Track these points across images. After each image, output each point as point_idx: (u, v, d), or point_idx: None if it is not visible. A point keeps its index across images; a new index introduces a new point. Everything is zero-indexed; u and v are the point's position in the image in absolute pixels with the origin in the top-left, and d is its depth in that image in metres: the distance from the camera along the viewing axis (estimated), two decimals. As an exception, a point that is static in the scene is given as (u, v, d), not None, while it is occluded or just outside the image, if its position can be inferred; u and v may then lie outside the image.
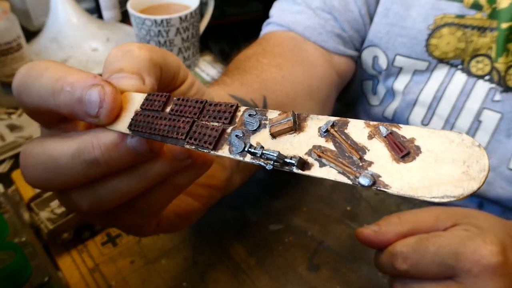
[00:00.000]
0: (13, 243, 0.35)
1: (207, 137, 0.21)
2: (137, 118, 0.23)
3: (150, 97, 0.24)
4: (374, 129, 0.17)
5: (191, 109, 0.22)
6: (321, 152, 0.17)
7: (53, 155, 0.24)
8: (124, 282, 0.41)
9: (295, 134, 0.19)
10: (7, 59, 0.59)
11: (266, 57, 0.49)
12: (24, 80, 0.24)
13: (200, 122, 0.21)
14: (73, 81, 0.23)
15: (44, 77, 0.24)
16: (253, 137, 0.20)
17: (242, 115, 0.20)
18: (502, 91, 0.48)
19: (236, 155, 0.19)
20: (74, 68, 0.24)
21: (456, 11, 0.48)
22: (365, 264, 0.43)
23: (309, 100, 0.50)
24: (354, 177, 0.16)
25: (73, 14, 0.73)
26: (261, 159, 0.18)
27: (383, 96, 0.59)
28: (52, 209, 0.43)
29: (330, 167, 0.17)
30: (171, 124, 0.22)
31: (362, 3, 0.53)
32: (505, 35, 0.45)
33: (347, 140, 0.17)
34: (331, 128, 0.18)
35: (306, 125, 0.19)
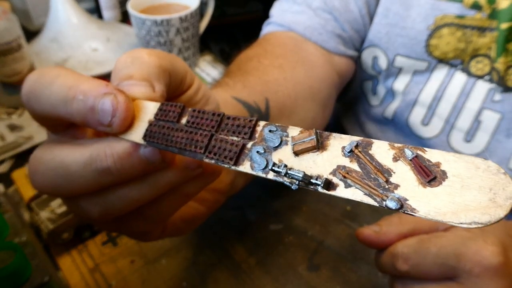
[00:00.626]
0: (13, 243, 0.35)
1: (227, 152, 0.20)
2: (152, 128, 0.23)
3: (164, 107, 0.24)
4: (399, 151, 0.17)
5: (208, 121, 0.22)
6: (346, 173, 0.17)
7: (64, 162, 0.24)
8: (124, 282, 0.41)
9: (318, 152, 0.19)
10: (7, 59, 0.59)
11: (267, 57, 0.49)
12: (35, 87, 0.24)
13: (219, 136, 0.21)
14: (86, 90, 0.23)
15: (55, 84, 0.23)
16: (275, 153, 0.19)
17: (262, 130, 0.20)
18: (502, 91, 0.48)
19: (259, 172, 0.19)
20: (86, 76, 0.24)
21: (456, 12, 0.48)
22: (365, 264, 0.43)
23: (310, 101, 0.50)
24: (381, 199, 0.16)
25: (73, 14, 0.73)
26: (285, 177, 0.18)
27: (383, 96, 0.59)
28: (52, 209, 0.43)
29: (356, 188, 0.17)
30: (188, 136, 0.22)
31: (363, 3, 0.53)
32: (505, 35, 0.45)
33: (372, 162, 0.17)
34: (355, 149, 0.18)
35: (328, 143, 0.19)
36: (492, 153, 0.50)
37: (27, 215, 0.45)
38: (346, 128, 0.68)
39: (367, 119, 0.63)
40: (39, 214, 0.42)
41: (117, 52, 0.73)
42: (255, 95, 0.42)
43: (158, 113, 0.23)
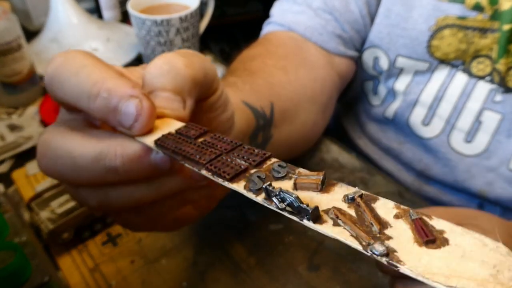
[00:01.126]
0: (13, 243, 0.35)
1: (228, 168, 0.20)
2: (167, 136, 0.23)
3: (189, 125, 0.24)
4: (403, 212, 0.16)
5: (224, 145, 0.22)
6: (339, 213, 0.17)
7: (73, 153, 0.24)
8: (124, 282, 0.41)
9: (319, 193, 0.18)
10: (7, 59, 0.59)
11: (271, 58, 0.49)
12: (59, 72, 0.24)
13: (227, 157, 0.21)
14: (111, 88, 0.22)
15: (81, 76, 0.23)
16: (275, 182, 0.19)
17: (272, 164, 0.20)
18: (503, 91, 0.48)
19: (250, 192, 0.19)
20: (113, 70, 0.24)
21: (457, 13, 0.48)
22: (365, 264, 0.43)
23: (312, 104, 0.50)
24: (367, 243, 0.15)
25: (73, 14, 0.73)
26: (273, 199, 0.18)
27: (384, 96, 0.59)
28: (52, 209, 0.43)
29: (344, 228, 0.16)
30: (197, 149, 0.22)
31: (363, 4, 0.53)
32: (507, 36, 0.45)
33: (371, 212, 0.16)
34: (358, 198, 0.17)
35: (333, 189, 0.18)
36: (492, 154, 0.50)
37: (27, 215, 0.45)
38: (346, 128, 0.68)
39: (368, 119, 0.63)
40: (39, 214, 0.42)
41: (117, 52, 0.73)
42: (261, 100, 0.42)
43: (181, 128, 0.23)
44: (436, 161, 0.55)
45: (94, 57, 0.25)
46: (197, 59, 0.27)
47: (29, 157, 0.54)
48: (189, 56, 0.27)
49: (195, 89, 0.26)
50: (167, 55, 0.26)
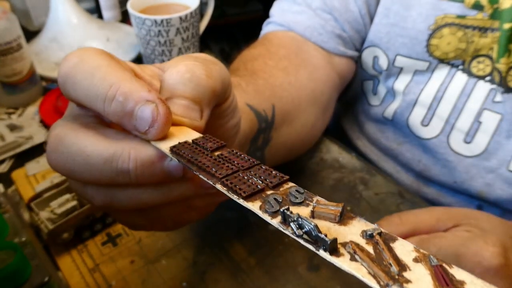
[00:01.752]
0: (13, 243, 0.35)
1: (245, 186, 0.19)
2: (183, 145, 0.22)
3: (207, 137, 0.23)
4: (422, 256, 0.16)
5: (241, 162, 0.21)
6: (357, 248, 0.16)
7: (86, 152, 0.23)
8: (124, 282, 0.41)
9: (336, 224, 0.17)
10: (7, 59, 0.59)
11: (272, 59, 0.49)
12: (73, 73, 0.23)
13: (244, 174, 0.20)
14: (127, 92, 0.22)
15: (96, 77, 0.23)
16: (292, 207, 0.18)
17: (289, 188, 0.20)
18: (503, 92, 0.48)
19: (265, 214, 0.18)
20: (127, 70, 0.23)
21: (457, 12, 0.48)
22: (365, 264, 0.43)
23: (312, 105, 0.50)
24: (386, 284, 0.15)
25: (73, 14, 0.73)
26: (291, 225, 0.17)
27: (384, 96, 0.59)
28: (52, 209, 0.43)
29: (362, 264, 0.16)
30: (213, 162, 0.21)
31: (363, 3, 0.53)
32: (507, 35, 0.45)
33: (390, 251, 0.16)
34: (376, 235, 0.17)
35: (350, 223, 0.17)
36: (492, 155, 0.50)
37: (27, 215, 0.45)
38: (345, 128, 0.68)
39: (367, 119, 0.63)
40: (39, 214, 0.42)
41: (117, 52, 0.74)
42: (264, 102, 0.42)
43: (199, 139, 0.23)
44: (435, 162, 0.55)
45: (109, 56, 0.24)
46: (216, 68, 0.27)
47: (29, 157, 0.54)
48: (208, 65, 0.26)
49: (214, 100, 0.26)
50: (190, 63, 0.26)
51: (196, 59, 0.27)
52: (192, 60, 0.26)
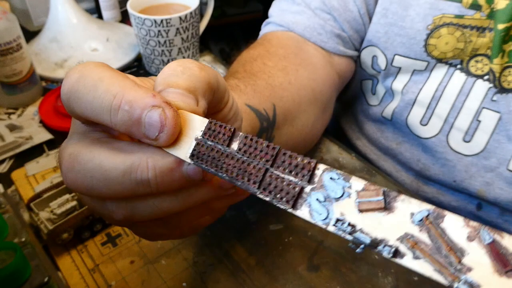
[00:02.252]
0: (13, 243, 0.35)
1: (284, 193, 0.20)
2: (200, 149, 0.22)
3: (213, 127, 0.23)
4: (474, 231, 0.16)
5: (262, 154, 0.21)
6: (414, 243, 0.17)
7: (103, 167, 0.23)
8: (124, 282, 0.41)
9: (384, 213, 0.18)
10: (7, 59, 0.59)
11: (271, 59, 0.49)
12: (76, 88, 0.23)
13: (274, 172, 0.20)
14: (132, 100, 0.22)
15: (99, 90, 0.22)
16: (336, 205, 0.19)
17: (322, 175, 0.19)
18: (496, 92, 0.48)
19: (318, 222, 0.19)
20: (131, 81, 0.23)
21: (455, 11, 0.48)
22: (365, 264, 0.43)
23: (313, 105, 0.50)
24: (452, 280, 0.16)
25: (73, 14, 0.73)
26: (348, 235, 0.18)
27: (382, 96, 0.59)
28: (52, 209, 0.43)
29: (425, 261, 0.16)
30: (240, 166, 0.21)
31: (361, 3, 0.53)
32: (501, 36, 0.45)
33: (444, 237, 0.16)
34: (426, 220, 0.17)
35: (395, 206, 0.18)
36: (491, 154, 0.50)
37: (26, 215, 0.45)
38: (344, 128, 0.68)
39: (366, 119, 0.63)
40: (38, 215, 0.42)
41: (117, 52, 0.74)
42: (264, 102, 0.42)
43: (206, 132, 0.22)
44: (434, 161, 0.55)
45: (110, 68, 0.24)
46: (210, 68, 0.27)
47: (28, 157, 0.54)
48: (203, 65, 0.26)
49: (209, 93, 0.26)
50: (181, 59, 0.26)
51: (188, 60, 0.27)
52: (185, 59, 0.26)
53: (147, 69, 0.73)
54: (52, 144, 0.57)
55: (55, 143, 0.57)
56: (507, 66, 0.46)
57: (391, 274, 0.42)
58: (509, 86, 0.47)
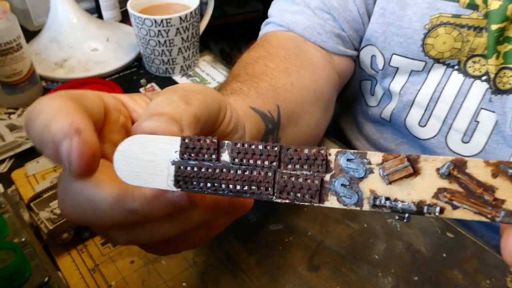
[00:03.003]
0: (13, 243, 0.35)
1: (305, 189, 0.19)
2: (185, 172, 0.20)
3: (190, 144, 0.20)
4: (496, 168, 0.17)
5: (264, 157, 0.20)
6: (451, 195, 0.18)
7: (92, 199, 0.23)
8: (124, 282, 0.41)
9: (412, 177, 0.18)
10: (7, 59, 0.59)
11: (272, 61, 0.49)
12: (27, 120, 0.23)
13: (285, 172, 0.19)
14: (54, 132, 0.21)
15: (37, 123, 0.22)
16: (362, 184, 0.18)
17: (336, 159, 0.19)
18: (491, 92, 0.48)
19: (352, 206, 0.18)
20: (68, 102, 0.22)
21: (452, 11, 0.48)
22: (365, 264, 0.43)
23: (315, 105, 0.50)
24: (493, 216, 0.17)
25: (73, 14, 0.73)
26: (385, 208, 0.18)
27: (381, 97, 0.59)
28: (52, 209, 0.43)
29: (463, 208, 0.17)
30: (243, 177, 0.20)
31: (361, 2, 0.53)
32: (495, 36, 0.45)
33: (472, 181, 0.17)
34: (452, 171, 0.18)
35: (420, 167, 0.18)
36: (490, 155, 0.50)
37: (27, 215, 0.45)
38: (344, 129, 0.68)
39: (365, 120, 0.63)
40: (38, 215, 0.42)
41: (117, 52, 0.74)
42: (268, 104, 0.42)
43: (185, 151, 0.20)
44: None
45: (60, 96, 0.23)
46: (199, 97, 0.26)
47: (28, 157, 0.54)
48: (190, 95, 0.26)
49: (196, 125, 0.25)
50: (168, 95, 0.25)
51: (179, 90, 0.26)
52: (173, 93, 0.25)
53: (147, 69, 0.73)
54: (52, 144, 0.57)
55: (55, 143, 0.57)
56: (503, 68, 0.46)
57: (391, 274, 0.42)
58: (504, 87, 0.47)
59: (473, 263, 0.43)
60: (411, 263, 0.43)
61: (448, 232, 0.46)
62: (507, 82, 0.46)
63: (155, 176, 0.21)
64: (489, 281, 0.41)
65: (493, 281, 0.41)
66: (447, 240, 0.45)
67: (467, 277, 0.42)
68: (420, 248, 0.44)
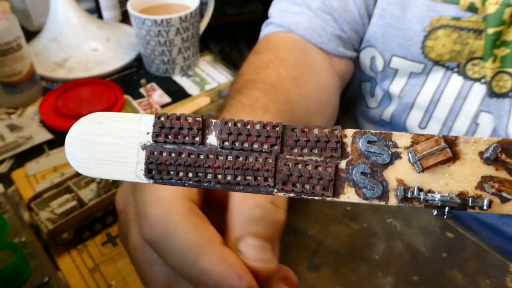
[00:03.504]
0: (13, 243, 0.35)
1: (315, 180, 0.15)
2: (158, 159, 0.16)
3: (167, 122, 0.16)
4: None
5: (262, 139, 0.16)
6: (499, 184, 0.15)
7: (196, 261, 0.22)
8: (124, 282, 0.41)
9: (449, 164, 0.15)
10: (7, 59, 0.59)
11: (282, 67, 0.48)
12: (161, 244, 0.22)
13: (289, 158, 0.16)
14: (218, 281, 0.21)
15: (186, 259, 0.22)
16: (387, 172, 0.15)
17: (354, 142, 0.15)
18: (487, 96, 0.48)
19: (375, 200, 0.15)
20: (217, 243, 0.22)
21: (452, 13, 0.48)
22: (365, 264, 0.43)
23: (320, 115, 0.50)
24: None
25: (73, 14, 0.73)
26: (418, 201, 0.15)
27: (381, 99, 0.59)
28: (52, 209, 0.43)
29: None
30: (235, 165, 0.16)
31: (361, 3, 0.53)
32: (492, 40, 0.45)
33: None
34: (500, 154, 0.14)
35: (459, 150, 0.15)
36: None
37: (26, 215, 0.45)
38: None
39: (365, 121, 0.63)
40: (38, 214, 0.42)
41: (117, 52, 0.74)
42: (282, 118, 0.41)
43: (160, 132, 0.16)
44: None
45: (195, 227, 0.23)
46: (284, 202, 0.26)
47: (28, 157, 0.54)
48: (281, 201, 0.25)
49: (282, 230, 0.25)
50: (258, 197, 0.24)
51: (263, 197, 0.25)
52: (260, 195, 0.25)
53: (147, 69, 0.73)
54: (52, 144, 0.57)
55: (55, 143, 0.57)
56: (500, 71, 0.46)
57: (391, 274, 0.42)
58: (500, 91, 0.47)
59: (473, 263, 0.43)
60: (411, 263, 0.43)
61: (448, 232, 0.46)
62: (503, 86, 0.46)
63: (120, 165, 0.17)
64: (489, 281, 0.41)
65: (493, 281, 0.41)
66: (447, 240, 0.45)
67: (467, 277, 0.42)
68: (420, 248, 0.44)
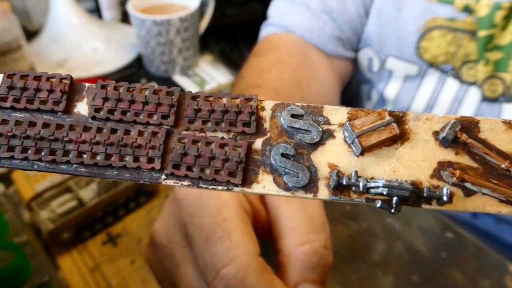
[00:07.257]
0: (13, 243, 0.35)
1: (218, 163, 0.11)
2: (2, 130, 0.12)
3: (18, 82, 0.13)
4: None
5: (150, 108, 0.12)
6: (461, 173, 0.11)
7: None
8: (124, 281, 0.41)
9: (397, 145, 0.12)
10: (7, 59, 0.59)
11: (285, 70, 0.49)
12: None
13: (186, 134, 0.12)
14: None
15: None
16: (316, 154, 0.12)
17: (274, 116, 0.12)
18: (479, 100, 0.48)
19: (299, 192, 0.11)
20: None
21: (447, 14, 0.47)
22: (365, 264, 0.43)
23: None
24: None
25: (73, 14, 0.73)
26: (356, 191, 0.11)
27: (376, 102, 0.59)
28: (52, 209, 0.43)
29: (483, 194, 0.11)
30: (109, 140, 0.12)
31: (360, 4, 0.53)
32: (483, 43, 0.45)
33: (491, 150, 0.11)
34: (460, 134, 0.11)
35: (408, 129, 0.12)
36: None
37: (27, 215, 0.45)
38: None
39: None
40: (39, 214, 0.42)
41: (117, 52, 0.74)
42: None
43: (6, 95, 0.12)
44: None
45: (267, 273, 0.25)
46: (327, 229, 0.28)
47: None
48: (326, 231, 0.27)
49: None
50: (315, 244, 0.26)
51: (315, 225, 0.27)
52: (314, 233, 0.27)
53: (147, 69, 0.73)
54: (52, 144, 0.57)
55: (55, 143, 0.57)
56: (492, 76, 0.46)
57: (391, 274, 0.42)
58: (492, 95, 0.47)
59: (473, 263, 0.43)
60: (410, 263, 0.43)
61: (447, 232, 0.46)
62: (494, 90, 0.46)
63: None
64: (488, 281, 0.41)
65: (493, 281, 0.41)
66: (446, 240, 0.45)
67: (466, 277, 0.42)
68: (419, 248, 0.44)
